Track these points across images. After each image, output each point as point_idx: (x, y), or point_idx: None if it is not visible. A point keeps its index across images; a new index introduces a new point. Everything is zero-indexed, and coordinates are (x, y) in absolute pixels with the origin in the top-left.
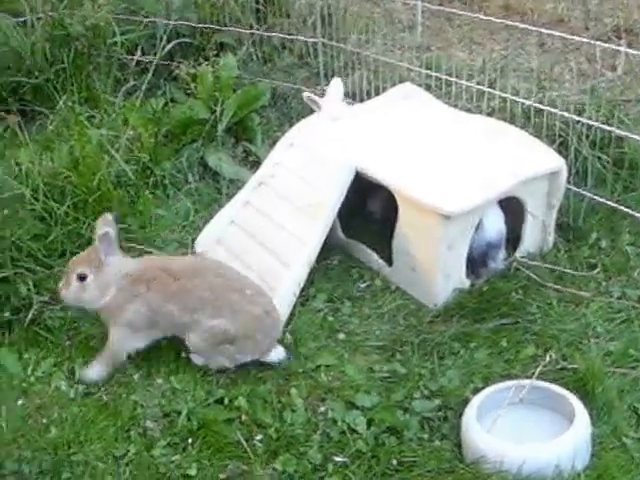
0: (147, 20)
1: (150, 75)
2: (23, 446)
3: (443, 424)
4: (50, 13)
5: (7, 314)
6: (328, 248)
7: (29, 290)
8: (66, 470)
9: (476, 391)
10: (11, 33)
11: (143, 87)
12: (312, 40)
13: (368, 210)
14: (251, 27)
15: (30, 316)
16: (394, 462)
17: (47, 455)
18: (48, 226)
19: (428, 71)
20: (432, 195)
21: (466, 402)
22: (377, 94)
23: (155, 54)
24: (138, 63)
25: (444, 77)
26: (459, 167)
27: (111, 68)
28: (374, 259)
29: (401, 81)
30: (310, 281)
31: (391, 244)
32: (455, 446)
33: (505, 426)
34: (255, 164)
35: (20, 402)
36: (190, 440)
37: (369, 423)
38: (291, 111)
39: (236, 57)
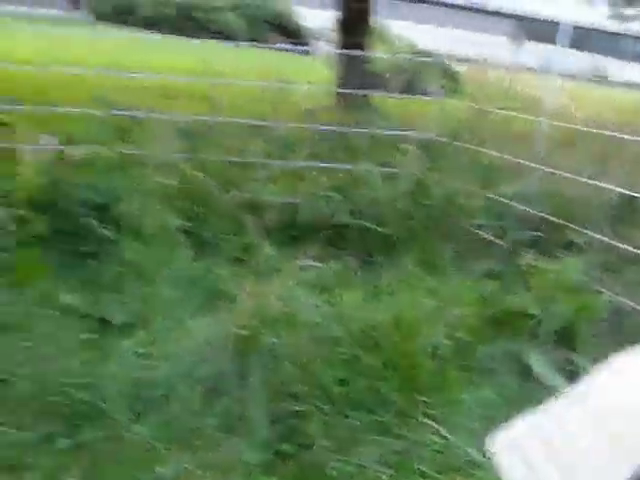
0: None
1: (494, 260)
2: None
3: None
4: (416, 171)
5: (287, 447)
6: None
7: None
8: None
9: None
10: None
11: (482, 268)
12: None
13: None
14: (602, 231)
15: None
16: None
17: None
18: (353, 374)
19: None
20: None
21: None
22: None
23: (502, 237)
24: (484, 240)
25: None
26: None
27: (459, 238)
28: None
29: None
30: None
31: None
32: None
33: None
34: (574, 374)
35: None
36: None
37: None
38: (628, 330)
39: (582, 259)
